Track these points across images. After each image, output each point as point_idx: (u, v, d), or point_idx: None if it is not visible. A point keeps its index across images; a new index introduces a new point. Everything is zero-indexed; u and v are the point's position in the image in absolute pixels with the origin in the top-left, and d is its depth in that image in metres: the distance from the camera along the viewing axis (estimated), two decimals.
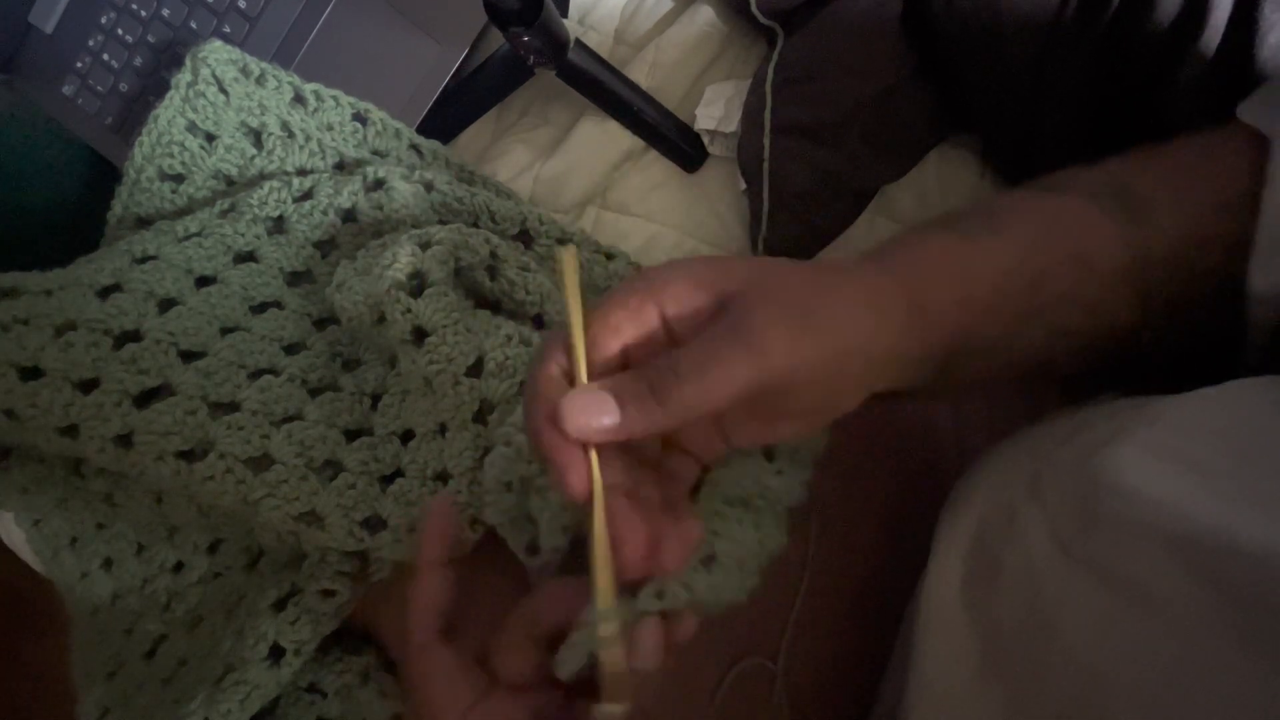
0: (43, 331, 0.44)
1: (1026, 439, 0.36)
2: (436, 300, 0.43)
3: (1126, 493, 0.28)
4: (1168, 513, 0.26)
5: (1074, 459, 0.31)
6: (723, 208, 0.57)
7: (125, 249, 0.50)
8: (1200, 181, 0.36)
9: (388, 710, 0.50)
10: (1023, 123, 0.48)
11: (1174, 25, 0.41)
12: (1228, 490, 0.27)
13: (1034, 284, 0.35)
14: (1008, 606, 0.31)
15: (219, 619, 0.49)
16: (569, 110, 0.59)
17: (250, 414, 0.45)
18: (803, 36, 0.52)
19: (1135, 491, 0.28)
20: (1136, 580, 0.27)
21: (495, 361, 0.42)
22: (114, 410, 0.43)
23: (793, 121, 0.51)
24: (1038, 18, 0.44)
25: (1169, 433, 0.30)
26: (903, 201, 0.55)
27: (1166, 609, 0.26)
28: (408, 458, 0.45)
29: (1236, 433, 0.29)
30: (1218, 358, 0.39)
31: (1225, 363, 0.38)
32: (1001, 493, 0.34)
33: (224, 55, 0.52)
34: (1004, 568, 0.31)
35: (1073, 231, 0.35)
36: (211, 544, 0.53)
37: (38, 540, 0.54)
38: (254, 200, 0.52)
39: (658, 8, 0.59)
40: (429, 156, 0.58)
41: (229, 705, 0.44)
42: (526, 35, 0.50)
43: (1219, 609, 0.25)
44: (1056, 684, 0.28)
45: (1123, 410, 0.32)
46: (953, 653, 0.33)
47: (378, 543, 0.44)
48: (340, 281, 0.47)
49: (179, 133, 0.53)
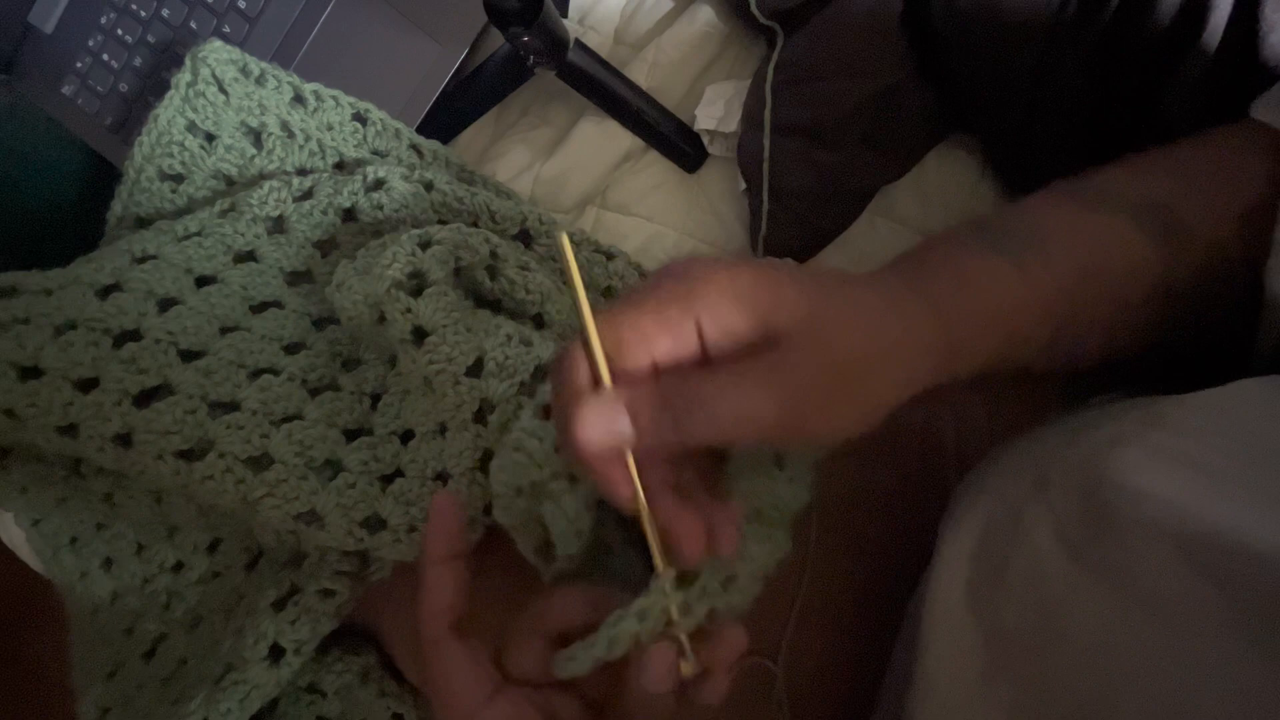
0: (42, 331, 0.44)
1: (1031, 440, 0.36)
2: (436, 300, 0.43)
3: (1134, 494, 0.28)
4: (1175, 514, 0.26)
5: (1080, 460, 0.31)
6: (723, 208, 0.57)
7: (125, 248, 0.50)
8: (1224, 188, 0.36)
9: (388, 710, 0.50)
10: (1023, 123, 0.48)
11: (1174, 25, 0.41)
12: (1235, 491, 0.27)
13: (1071, 316, 0.35)
14: (1014, 608, 0.30)
15: (219, 618, 0.49)
16: (569, 110, 0.59)
17: (250, 413, 0.45)
18: (803, 36, 0.52)
19: (1143, 493, 0.27)
20: (1144, 582, 0.26)
21: (495, 361, 0.42)
22: (113, 409, 0.43)
23: (793, 121, 0.51)
24: (1038, 18, 0.44)
25: (1176, 434, 0.29)
26: (903, 201, 0.55)
27: (1174, 611, 0.25)
28: (408, 457, 0.45)
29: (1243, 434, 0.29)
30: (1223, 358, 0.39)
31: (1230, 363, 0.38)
32: (1007, 494, 0.34)
33: (224, 55, 0.52)
34: (1010, 569, 0.31)
35: (1117, 261, 0.35)
36: (211, 543, 0.53)
37: (37, 540, 0.54)
38: (254, 200, 0.52)
39: (658, 8, 0.59)
40: (429, 156, 0.58)
41: (229, 705, 0.44)
42: (526, 35, 0.50)
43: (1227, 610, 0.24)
44: (1063, 686, 0.27)
45: (1129, 412, 0.32)
46: (958, 654, 0.33)
47: (377, 542, 0.44)
48: (340, 281, 0.47)
49: (179, 133, 0.53)
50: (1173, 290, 0.36)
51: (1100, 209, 0.36)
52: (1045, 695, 0.28)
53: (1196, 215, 0.36)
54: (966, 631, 0.32)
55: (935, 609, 0.35)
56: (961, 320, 0.33)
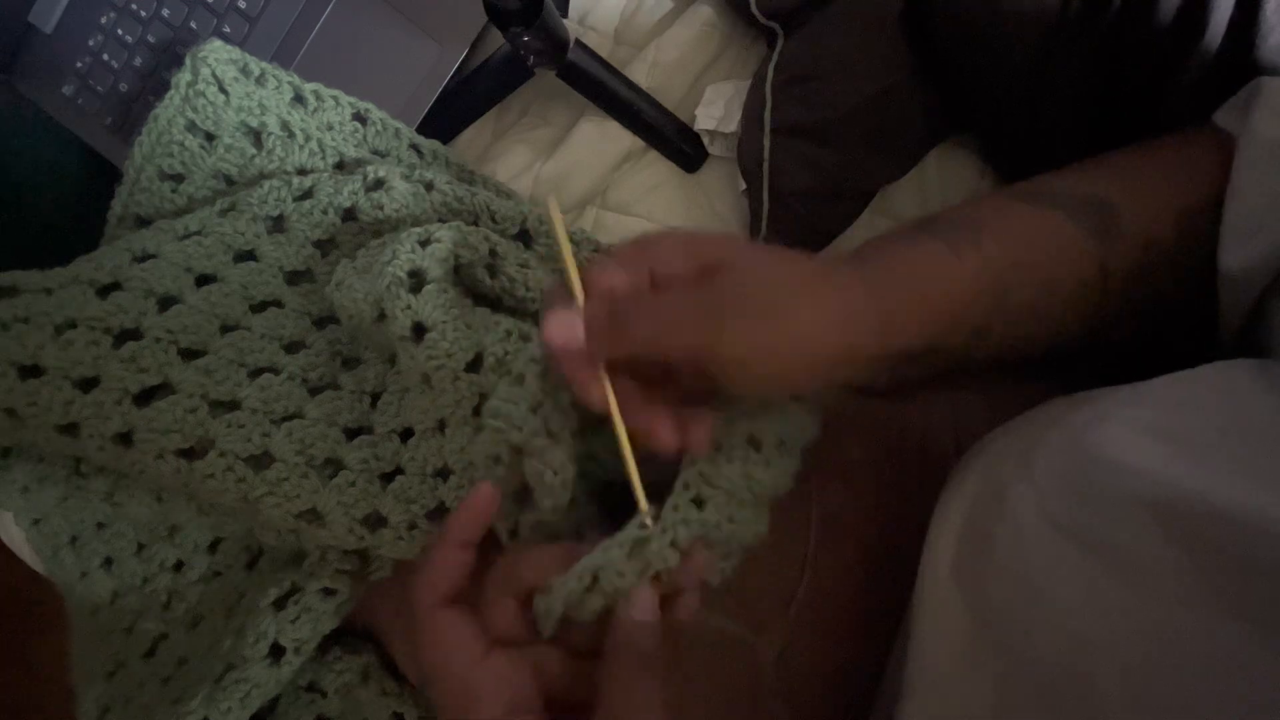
0: (43, 330, 0.44)
1: (1016, 425, 0.37)
2: (436, 297, 0.43)
3: (1112, 466, 0.29)
4: (1150, 481, 0.27)
5: (1062, 438, 0.32)
6: (723, 208, 0.57)
7: (125, 247, 0.50)
8: (1167, 187, 0.39)
9: (388, 709, 0.50)
10: (1023, 123, 0.48)
11: (1175, 26, 0.41)
12: (1208, 460, 0.28)
13: (1000, 301, 0.37)
14: (998, 581, 0.31)
15: (219, 618, 0.49)
16: (569, 110, 0.59)
17: (250, 412, 0.45)
18: (803, 36, 0.52)
19: (1121, 464, 0.29)
20: (1120, 548, 0.27)
21: (494, 357, 0.42)
22: (114, 408, 0.43)
23: (793, 121, 0.51)
24: (1038, 18, 0.44)
25: (1151, 410, 0.31)
26: (903, 201, 0.55)
27: (1148, 574, 0.26)
28: (408, 455, 0.45)
29: (1214, 408, 0.30)
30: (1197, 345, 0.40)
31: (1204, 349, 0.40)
32: (992, 475, 0.35)
33: (224, 55, 0.52)
34: (994, 545, 0.32)
35: (1049, 250, 0.38)
36: (212, 543, 0.53)
37: (38, 539, 0.54)
38: (254, 199, 0.52)
39: (658, 8, 0.59)
40: (429, 156, 0.58)
41: (229, 704, 0.44)
42: (526, 35, 0.50)
43: (1199, 572, 0.25)
44: (1044, 653, 0.28)
45: (1109, 394, 0.33)
46: (946, 631, 0.34)
47: (378, 540, 0.44)
48: (340, 280, 0.47)
49: (179, 132, 0.53)
50: (1109, 282, 0.38)
51: (1037, 203, 0.39)
52: (1028, 665, 0.29)
53: (1134, 212, 0.38)
54: (954, 607, 0.33)
55: (924, 588, 0.36)
56: (892, 291, 0.35)
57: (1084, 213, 0.38)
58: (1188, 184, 0.38)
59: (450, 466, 0.44)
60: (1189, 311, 0.40)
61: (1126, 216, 0.38)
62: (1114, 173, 0.40)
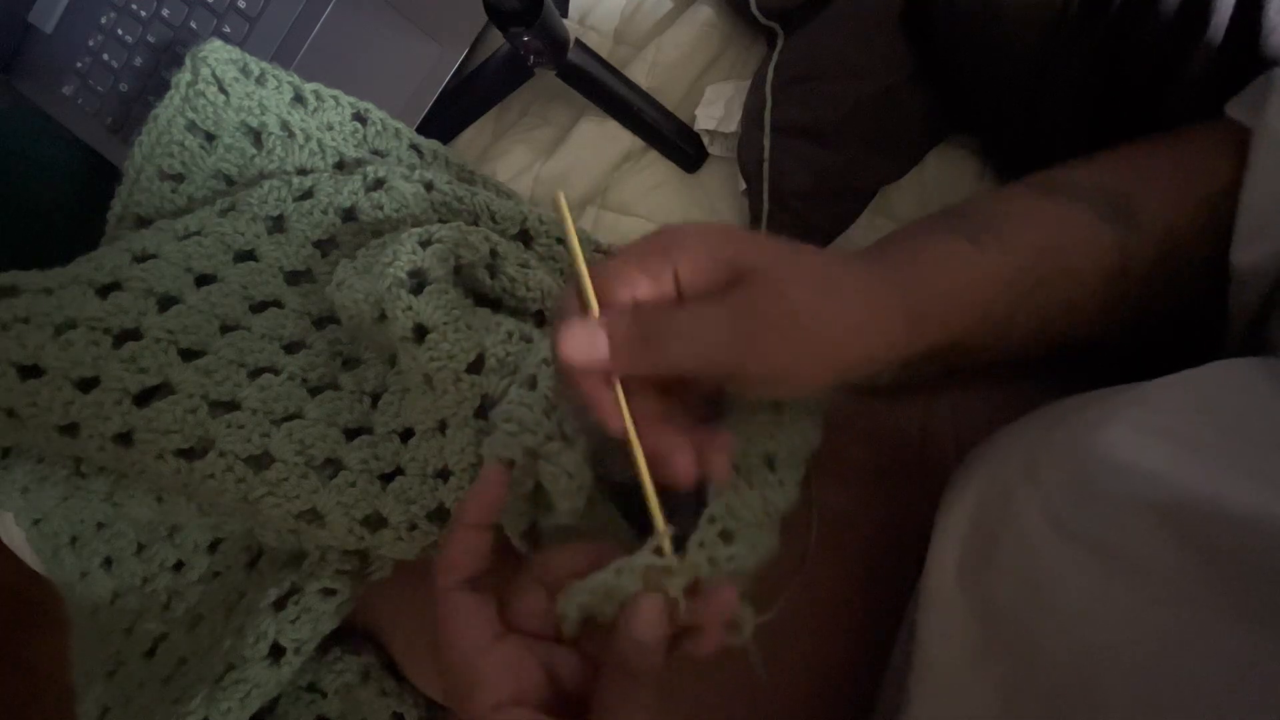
0: (42, 330, 0.44)
1: (1021, 426, 0.37)
2: (437, 297, 0.43)
3: (1118, 468, 0.28)
4: (1157, 484, 0.27)
5: (1067, 440, 0.32)
6: (723, 208, 0.57)
7: (125, 247, 0.50)
8: (1184, 179, 0.38)
9: (388, 709, 0.50)
10: (1023, 123, 0.48)
11: (1176, 25, 0.41)
12: (1214, 461, 0.27)
13: (1027, 294, 0.36)
14: (1003, 585, 0.31)
15: (219, 618, 0.49)
16: (569, 110, 0.59)
17: (250, 412, 0.45)
18: (803, 36, 0.52)
19: (1126, 466, 0.28)
20: (1127, 551, 0.27)
21: (496, 358, 0.42)
22: (114, 409, 0.43)
23: (793, 121, 0.51)
24: (1039, 18, 0.44)
25: (1157, 411, 0.31)
26: (903, 201, 0.55)
27: (1156, 577, 0.26)
28: (408, 455, 0.45)
29: (1221, 409, 0.30)
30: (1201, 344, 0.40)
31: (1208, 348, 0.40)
32: (997, 477, 0.34)
33: (224, 55, 0.52)
34: (1000, 548, 0.32)
35: (1072, 241, 0.37)
36: (212, 543, 0.53)
37: (38, 540, 0.54)
38: (254, 199, 0.52)
39: (658, 8, 0.59)
40: (429, 156, 0.58)
41: (229, 704, 0.44)
42: (526, 35, 0.50)
43: (1207, 576, 0.25)
44: (1050, 658, 0.28)
45: (1114, 394, 0.33)
46: (951, 634, 0.34)
47: (378, 541, 0.44)
48: (340, 280, 0.47)
49: (179, 132, 0.53)
50: (1130, 273, 0.37)
51: (1058, 196, 0.39)
52: (1034, 669, 0.28)
53: (1153, 203, 0.38)
54: (959, 611, 0.33)
55: (929, 591, 0.36)
56: (919, 289, 0.35)
57: (1104, 203, 0.37)
58: (1205, 176, 0.38)
59: (451, 467, 0.44)
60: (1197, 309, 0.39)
61: (1145, 207, 0.37)
62: (1131, 164, 0.40)
